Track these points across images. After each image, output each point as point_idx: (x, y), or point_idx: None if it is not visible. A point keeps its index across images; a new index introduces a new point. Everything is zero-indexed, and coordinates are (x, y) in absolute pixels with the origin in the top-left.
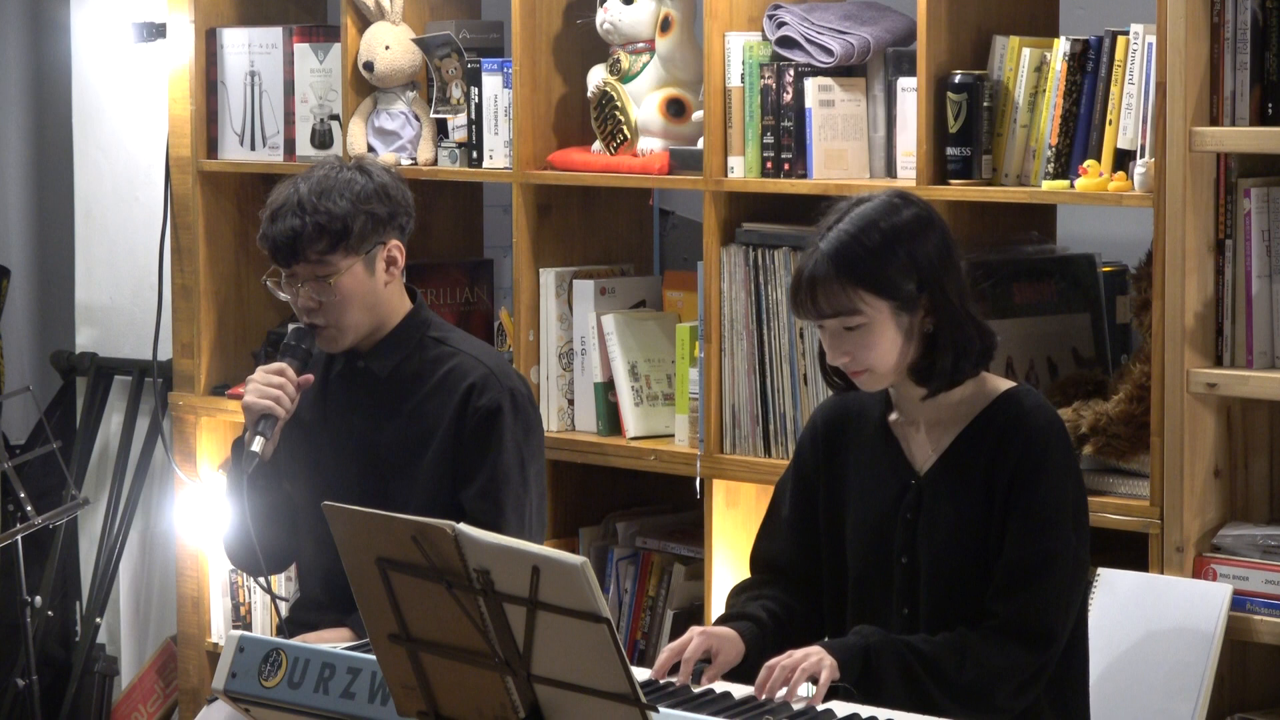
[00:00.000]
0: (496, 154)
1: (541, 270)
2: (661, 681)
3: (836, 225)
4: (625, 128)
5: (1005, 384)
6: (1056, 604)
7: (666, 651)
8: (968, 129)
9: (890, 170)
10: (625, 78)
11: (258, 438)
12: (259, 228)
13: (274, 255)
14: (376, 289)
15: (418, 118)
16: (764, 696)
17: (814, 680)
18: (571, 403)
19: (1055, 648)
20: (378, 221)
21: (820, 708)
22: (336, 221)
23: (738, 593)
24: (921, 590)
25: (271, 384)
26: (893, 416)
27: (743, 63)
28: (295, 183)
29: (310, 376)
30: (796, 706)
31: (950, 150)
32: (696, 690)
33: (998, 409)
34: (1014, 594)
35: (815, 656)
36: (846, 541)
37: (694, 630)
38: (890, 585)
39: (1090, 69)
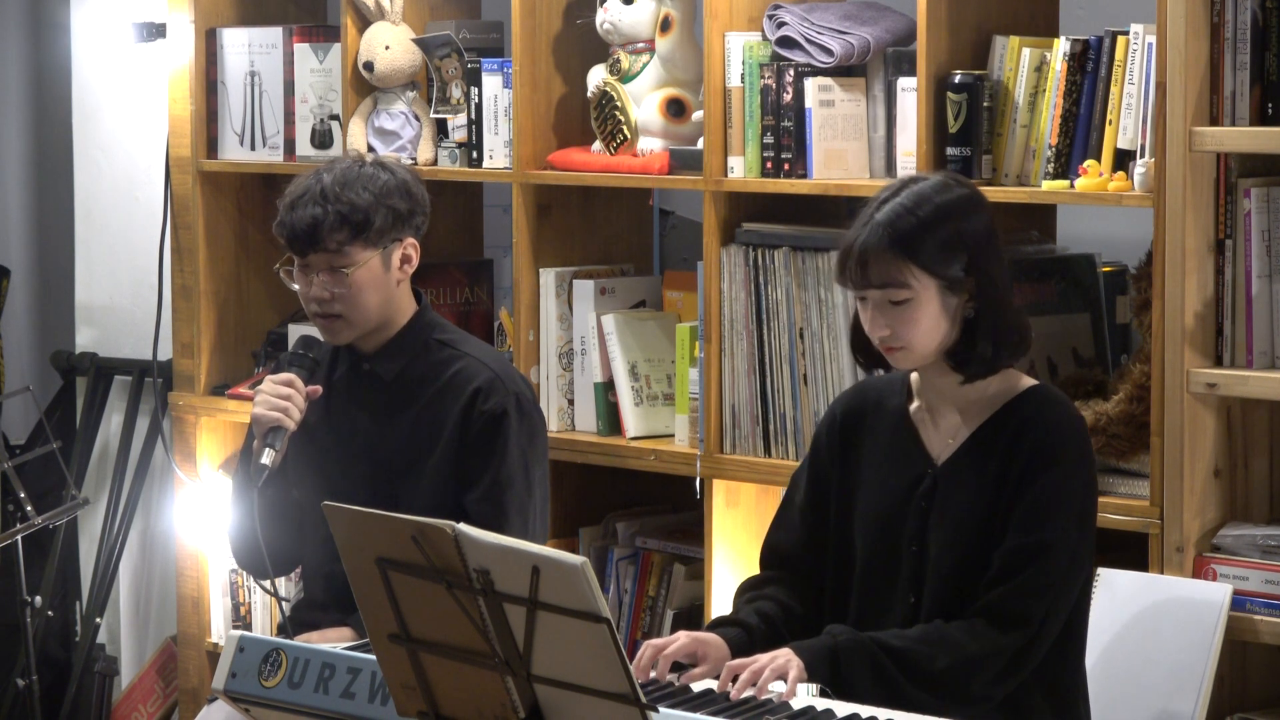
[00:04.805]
0: (496, 154)
1: (541, 270)
2: (663, 681)
3: (892, 199)
4: (625, 128)
5: (1029, 381)
6: (1042, 593)
7: (648, 647)
8: (968, 129)
9: (890, 170)
10: (625, 78)
11: (267, 449)
12: (272, 220)
13: (291, 243)
14: (389, 286)
15: (418, 118)
16: (728, 694)
17: (784, 679)
18: (571, 403)
19: (1031, 632)
20: (397, 217)
21: (820, 707)
22: (358, 213)
23: (741, 591)
24: (929, 579)
25: (280, 395)
26: (913, 406)
27: (743, 63)
28: (317, 174)
29: (318, 387)
30: (796, 705)
31: (950, 150)
32: (696, 690)
33: (1019, 405)
34: (1002, 581)
35: (782, 659)
36: (856, 529)
37: (681, 633)
38: (898, 573)
39: (1090, 69)
